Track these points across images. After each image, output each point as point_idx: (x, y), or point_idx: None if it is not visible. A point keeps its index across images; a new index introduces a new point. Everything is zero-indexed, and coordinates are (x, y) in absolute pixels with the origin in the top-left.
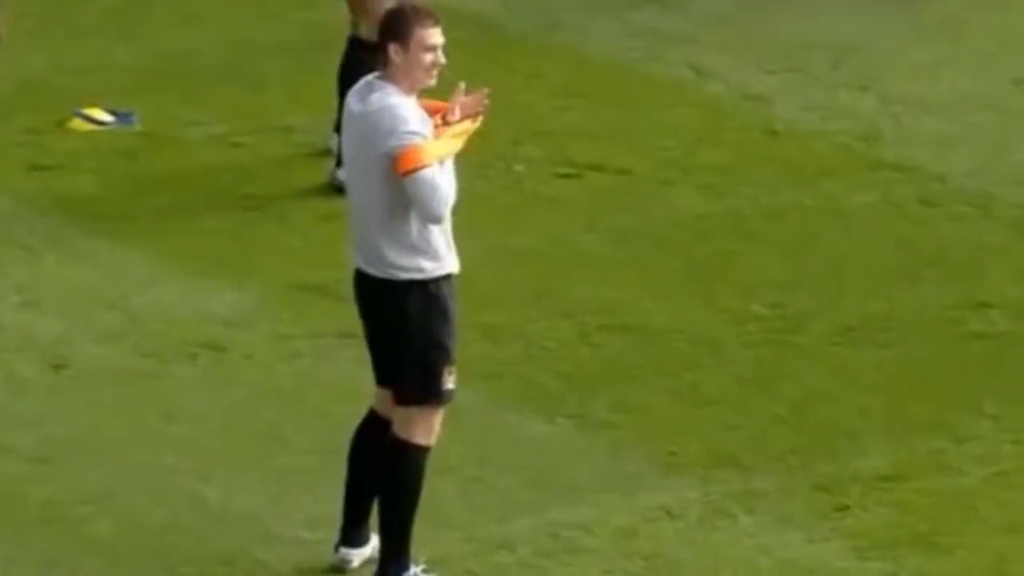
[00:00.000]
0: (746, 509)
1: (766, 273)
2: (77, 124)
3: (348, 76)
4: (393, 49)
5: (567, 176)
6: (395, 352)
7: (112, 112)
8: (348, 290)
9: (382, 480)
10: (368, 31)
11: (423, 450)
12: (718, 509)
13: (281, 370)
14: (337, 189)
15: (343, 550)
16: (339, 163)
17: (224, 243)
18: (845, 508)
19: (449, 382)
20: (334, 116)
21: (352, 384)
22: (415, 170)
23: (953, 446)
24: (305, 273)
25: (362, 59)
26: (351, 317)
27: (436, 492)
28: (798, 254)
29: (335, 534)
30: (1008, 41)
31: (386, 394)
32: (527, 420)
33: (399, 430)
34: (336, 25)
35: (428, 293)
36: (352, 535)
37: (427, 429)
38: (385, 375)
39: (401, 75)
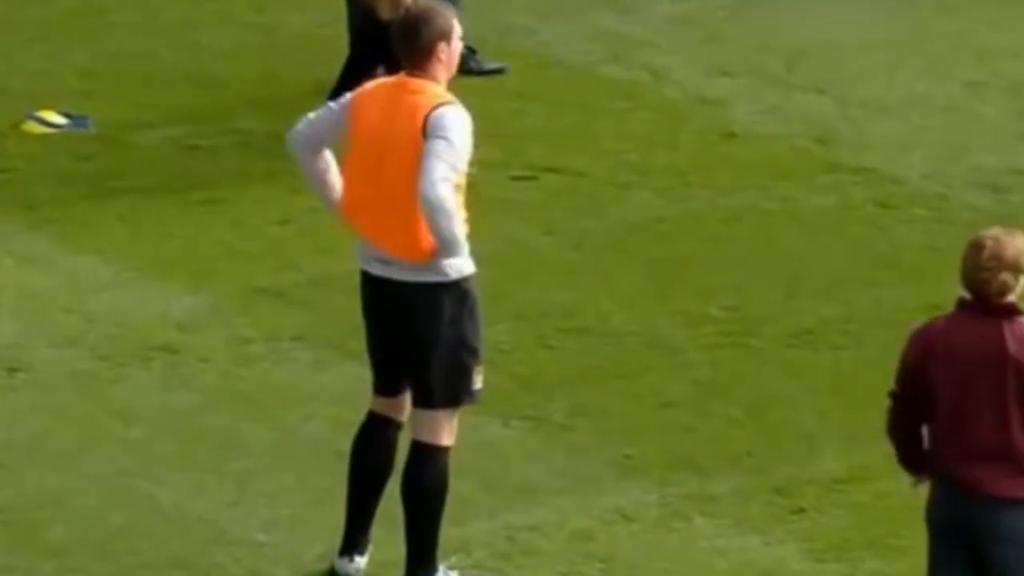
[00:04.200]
0: (703, 512)
1: (723, 276)
2: (31, 127)
3: (361, 46)
4: (442, 48)
5: (524, 179)
6: (423, 356)
7: (67, 115)
8: (304, 293)
9: (408, 486)
10: (388, 12)
11: (448, 451)
12: (675, 512)
13: (237, 373)
14: None
15: (357, 559)
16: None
17: (180, 246)
18: (801, 511)
19: (478, 382)
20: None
21: (308, 387)
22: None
23: None
24: (261, 276)
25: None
26: (307, 320)
27: (392, 495)
28: (755, 257)
29: (289, 537)
30: (962, 44)
31: (392, 400)
32: (483, 423)
33: (423, 434)
34: (289, 29)
35: (459, 293)
36: (361, 542)
37: (452, 430)
38: (395, 384)
39: (443, 72)
